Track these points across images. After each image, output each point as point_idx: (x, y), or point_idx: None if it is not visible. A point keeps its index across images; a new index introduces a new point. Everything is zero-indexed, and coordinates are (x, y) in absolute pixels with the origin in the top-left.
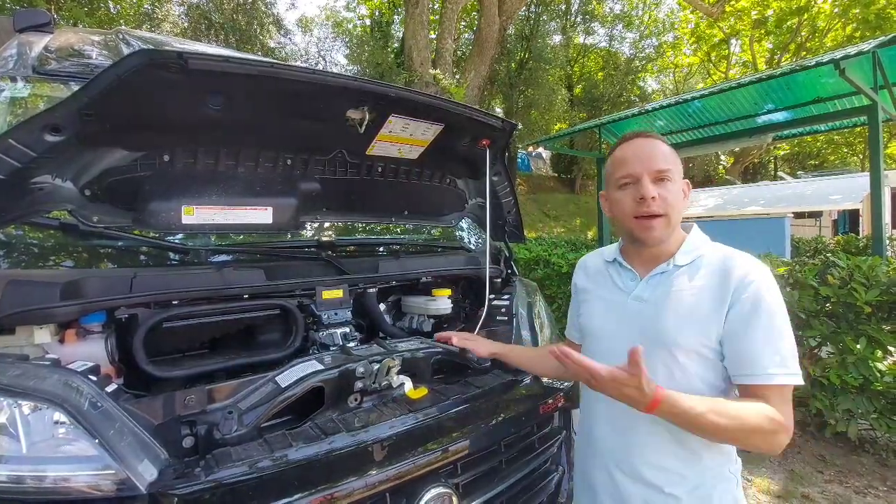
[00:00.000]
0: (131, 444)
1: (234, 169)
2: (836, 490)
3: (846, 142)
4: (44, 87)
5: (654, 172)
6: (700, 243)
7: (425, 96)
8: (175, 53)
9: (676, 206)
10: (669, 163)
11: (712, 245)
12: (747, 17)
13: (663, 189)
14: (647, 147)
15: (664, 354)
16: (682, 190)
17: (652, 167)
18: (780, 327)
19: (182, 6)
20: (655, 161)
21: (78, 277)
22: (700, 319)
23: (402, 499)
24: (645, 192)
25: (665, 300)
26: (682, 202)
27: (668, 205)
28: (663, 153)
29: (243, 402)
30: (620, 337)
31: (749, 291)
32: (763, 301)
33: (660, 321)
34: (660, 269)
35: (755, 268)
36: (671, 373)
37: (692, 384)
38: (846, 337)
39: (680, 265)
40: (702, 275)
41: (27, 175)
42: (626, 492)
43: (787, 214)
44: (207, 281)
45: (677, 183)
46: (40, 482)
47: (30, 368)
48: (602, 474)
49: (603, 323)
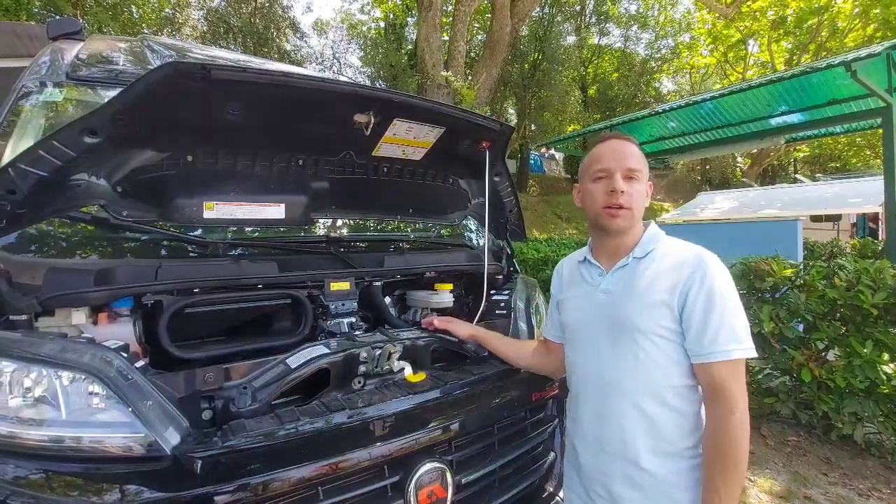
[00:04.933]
0: (158, 413)
1: (251, 168)
2: (839, 492)
3: (869, 144)
4: (76, 92)
5: (625, 170)
6: (654, 238)
7: (427, 101)
8: (199, 65)
9: (640, 203)
10: (639, 164)
11: (667, 239)
12: (764, 17)
13: (630, 186)
14: (622, 148)
15: (628, 339)
16: (646, 190)
17: (624, 165)
18: (734, 307)
19: (201, 10)
20: (627, 160)
21: (109, 266)
22: (655, 304)
23: (399, 471)
24: (616, 185)
25: (626, 290)
26: (645, 200)
27: (633, 200)
28: (635, 155)
29: (257, 381)
30: (593, 327)
31: (701, 278)
32: (715, 285)
33: (622, 309)
34: (621, 263)
35: (704, 256)
36: (636, 355)
37: (656, 364)
38: (853, 339)
39: (638, 258)
40: (655, 265)
41: (66, 173)
42: (608, 469)
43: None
44: (225, 271)
45: (643, 183)
46: (78, 443)
47: (68, 344)
48: (591, 459)
49: (578, 317)
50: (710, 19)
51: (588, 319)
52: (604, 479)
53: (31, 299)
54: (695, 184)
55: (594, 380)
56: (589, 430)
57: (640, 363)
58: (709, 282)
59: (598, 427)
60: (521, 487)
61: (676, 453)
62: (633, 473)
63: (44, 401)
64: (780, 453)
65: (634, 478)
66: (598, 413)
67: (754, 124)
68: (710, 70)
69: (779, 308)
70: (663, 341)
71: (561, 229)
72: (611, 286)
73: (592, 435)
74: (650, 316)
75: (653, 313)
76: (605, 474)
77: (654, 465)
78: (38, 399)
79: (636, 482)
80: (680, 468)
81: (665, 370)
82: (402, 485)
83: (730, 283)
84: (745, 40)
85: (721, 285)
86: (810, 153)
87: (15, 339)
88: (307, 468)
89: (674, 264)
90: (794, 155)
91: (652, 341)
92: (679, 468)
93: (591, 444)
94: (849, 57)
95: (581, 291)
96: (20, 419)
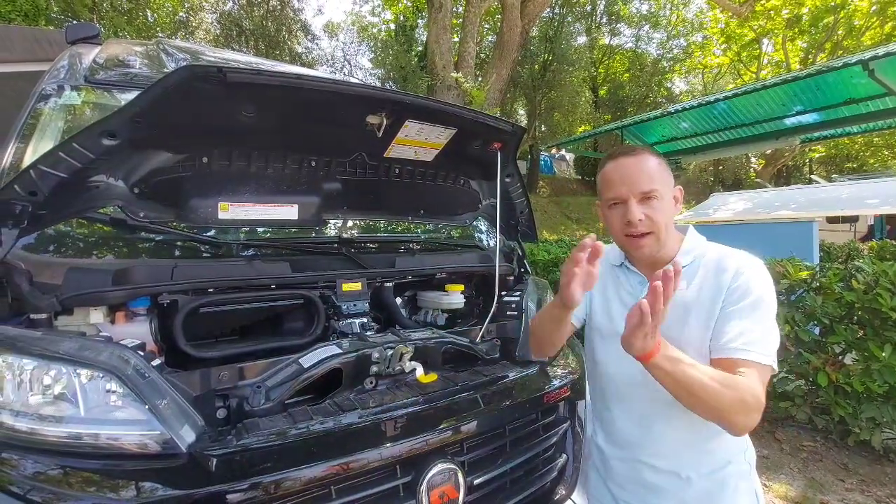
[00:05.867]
0: (174, 411)
1: (264, 170)
2: (856, 499)
3: (886, 144)
4: (93, 95)
5: (639, 194)
6: (697, 244)
7: (438, 102)
8: (215, 68)
9: (665, 221)
10: (655, 181)
11: (709, 245)
12: (779, 15)
13: (650, 209)
14: (633, 167)
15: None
16: (674, 197)
17: (637, 189)
18: (768, 316)
19: (214, 14)
20: (640, 183)
21: (126, 266)
22: (702, 316)
23: (411, 471)
24: (632, 216)
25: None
26: (673, 211)
27: (655, 223)
28: (648, 172)
29: (270, 380)
30: None
31: (740, 281)
32: (752, 289)
33: (667, 322)
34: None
35: (746, 261)
36: None
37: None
38: (871, 343)
39: (682, 265)
40: (700, 274)
41: (85, 175)
42: (647, 479)
43: (815, 219)
44: (239, 272)
45: (665, 198)
46: (96, 440)
47: (87, 343)
48: (624, 466)
49: (617, 324)
50: (724, 18)
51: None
52: (640, 489)
53: (51, 298)
54: (707, 185)
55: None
56: (625, 439)
57: None
58: (746, 285)
59: (636, 435)
60: (532, 489)
61: (717, 466)
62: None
63: (63, 398)
64: (796, 458)
65: (674, 490)
66: (636, 421)
67: (769, 124)
68: (723, 70)
69: (794, 311)
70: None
71: (571, 230)
72: None
73: (627, 444)
74: (696, 330)
75: (699, 327)
76: (641, 485)
77: (695, 476)
78: (58, 396)
79: (675, 493)
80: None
81: None
82: (414, 485)
83: (769, 293)
84: (759, 39)
85: (758, 292)
86: (826, 153)
87: (35, 338)
88: (320, 467)
89: (715, 273)
90: (809, 155)
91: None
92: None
93: (625, 454)
94: (866, 55)
95: (616, 295)
96: (40, 416)
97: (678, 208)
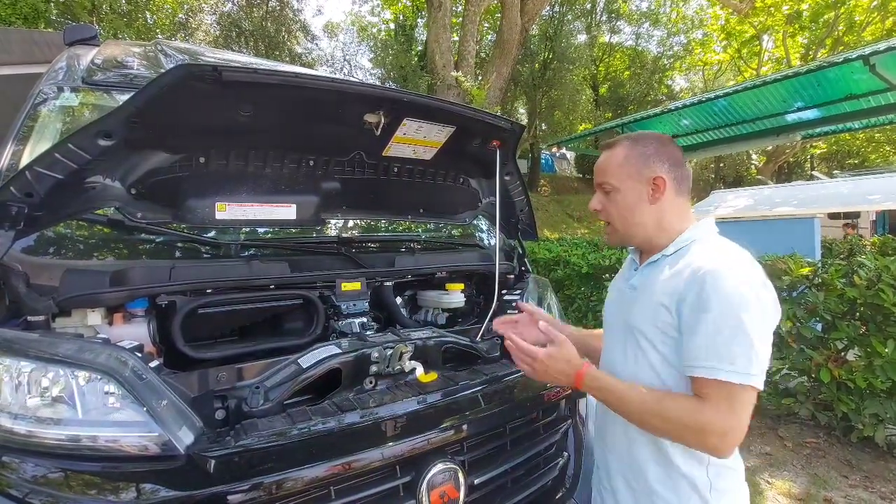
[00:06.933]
0: (172, 412)
1: (262, 169)
2: (860, 495)
3: (888, 139)
4: (91, 97)
5: (599, 185)
6: (693, 235)
7: (436, 100)
8: (210, 67)
9: (621, 214)
10: (608, 175)
11: (709, 237)
12: (779, 12)
13: (607, 200)
14: (601, 159)
15: (631, 339)
16: (646, 192)
17: (598, 180)
18: (733, 324)
19: (214, 15)
20: (601, 174)
21: (124, 267)
22: (654, 306)
23: (411, 471)
24: (591, 203)
25: (649, 287)
26: (640, 205)
27: (610, 215)
28: (610, 165)
29: (269, 381)
30: (615, 323)
31: (700, 285)
32: (714, 296)
33: (634, 307)
34: (651, 259)
35: (712, 263)
36: (635, 357)
37: (652, 368)
38: (874, 339)
39: (667, 255)
40: (682, 262)
41: (82, 176)
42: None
43: (817, 215)
44: (238, 272)
45: (625, 191)
46: (94, 442)
47: (85, 344)
48: (601, 461)
49: (610, 310)
50: (724, 15)
51: (615, 313)
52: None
53: (48, 300)
54: (708, 182)
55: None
56: (600, 431)
57: (637, 364)
58: (710, 291)
59: (604, 424)
60: (533, 489)
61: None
62: (630, 478)
63: (61, 400)
64: (799, 455)
65: (631, 482)
66: (606, 417)
67: (769, 121)
68: (723, 67)
69: (796, 307)
70: (661, 344)
71: (572, 229)
72: (637, 282)
73: (600, 431)
74: (647, 318)
75: (649, 315)
76: (608, 472)
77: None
78: (56, 398)
79: (632, 486)
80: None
81: (660, 375)
82: (414, 485)
83: (739, 297)
84: (759, 36)
85: (722, 298)
86: (827, 150)
87: (33, 340)
88: (319, 468)
89: (694, 265)
90: (810, 152)
91: (649, 343)
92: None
93: (600, 440)
94: (867, 51)
95: (618, 284)
96: (38, 418)
97: (657, 197)
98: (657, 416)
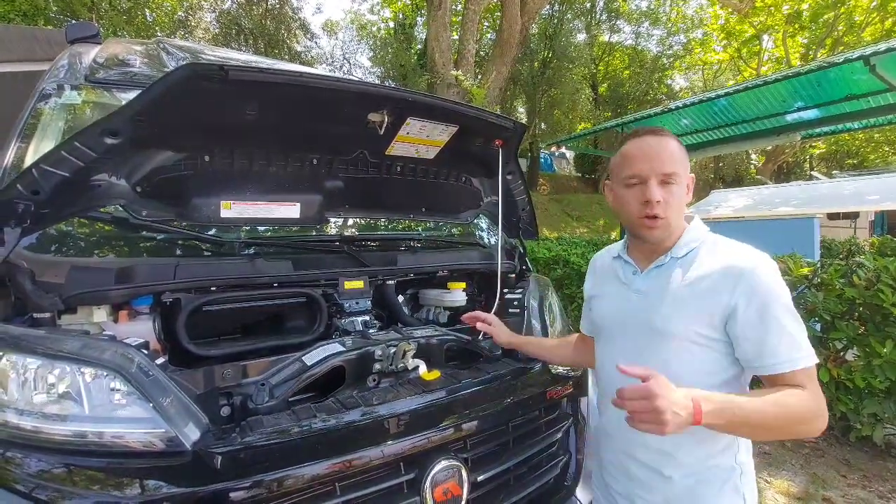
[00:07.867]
0: (178, 409)
1: (266, 168)
2: (858, 494)
3: (887, 140)
4: (94, 95)
5: (661, 175)
6: (698, 235)
7: (440, 100)
8: (217, 66)
9: (678, 208)
10: (677, 164)
11: (712, 236)
12: (779, 12)
13: (668, 193)
14: (657, 147)
15: (659, 344)
16: (687, 185)
17: (659, 170)
18: (790, 313)
19: (213, 13)
20: (663, 163)
21: (129, 265)
22: (693, 307)
23: (414, 468)
24: (650, 196)
25: (660, 291)
26: (686, 199)
27: (671, 208)
28: (671, 154)
29: (274, 378)
30: (623, 328)
31: (757, 283)
32: (773, 291)
33: (655, 311)
34: (658, 262)
35: (759, 259)
36: (667, 361)
37: (688, 372)
38: (872, 339)
39: (677, 257)
40: (698, 265)
41: (88, 174)
42: (633, 473)
43: (816, 215)
44: (242, 270)
45: (682, 184)
46: (100, 438)
47: (91, 341)
48: (615, 457)
49: (609, 316)
50: (724, 15)
51: (619, 319)
52: (627, 481)
53: (54, 297)
54: (708, 181)
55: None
56: (613, 430)
57: (669, 369)
58: (762, 290)
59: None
60: (536, 486)
61: (702, 467)
62: (656, 483)
63: (67, 396)
64: (798, 454)
65: (658, 486)
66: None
67: (769, 121)
68: (723, 66)
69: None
70: (697, 348)
71: (572, 228)
72: (644, 286)
73: (616, 436)
74: (683, 321)
75: (687, 318)
76: (628, 477)
77: (677, 476)
78: (62, 395)
79: (659, 489)
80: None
81: (695, 379)
82: (418, 482)
83: (782, 286)
84: (759, 36)
85: (778, 293)
86: (827, 150)
87: (39, 336)
88: (324, 465)
89: (720, 265)
90: (809, 152)
91: (686, 348)
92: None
93: (615, 445)
94: (867, 51)
95: (613, 289)
96: (44, 414)
97: (689, 196)
98: (780, 419)
